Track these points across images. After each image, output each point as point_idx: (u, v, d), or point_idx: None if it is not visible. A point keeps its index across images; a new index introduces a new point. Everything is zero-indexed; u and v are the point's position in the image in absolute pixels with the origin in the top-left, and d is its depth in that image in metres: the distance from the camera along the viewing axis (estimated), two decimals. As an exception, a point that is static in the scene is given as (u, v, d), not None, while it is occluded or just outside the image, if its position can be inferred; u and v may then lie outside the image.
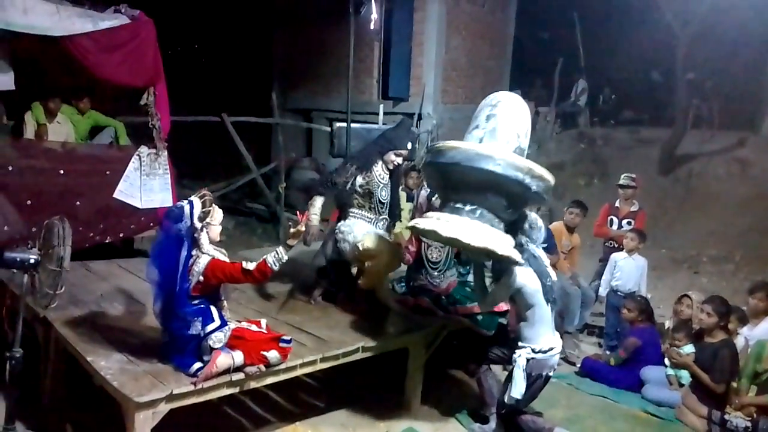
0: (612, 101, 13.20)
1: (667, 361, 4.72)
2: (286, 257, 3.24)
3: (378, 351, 3.93)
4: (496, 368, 4.29)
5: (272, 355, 3.29)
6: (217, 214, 3.26)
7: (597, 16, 12.43)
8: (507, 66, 11.49)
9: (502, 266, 3.57)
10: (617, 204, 6.15)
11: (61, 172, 5.29)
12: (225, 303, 3.39)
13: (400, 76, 9.23)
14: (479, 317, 4.31)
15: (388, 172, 4.31)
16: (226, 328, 3.22)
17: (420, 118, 9.46)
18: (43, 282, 3.23)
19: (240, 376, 3.24)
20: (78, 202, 5.35)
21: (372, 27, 7.92)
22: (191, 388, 3.06)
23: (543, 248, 5.20)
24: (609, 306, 5.60)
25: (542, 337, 3.58)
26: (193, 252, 3.17)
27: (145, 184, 5.73)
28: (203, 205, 3.19)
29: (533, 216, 3.67)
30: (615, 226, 6.07)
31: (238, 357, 3.21)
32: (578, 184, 11.16)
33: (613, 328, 5.48)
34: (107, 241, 5.61)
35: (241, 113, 9.20)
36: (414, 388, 4.17)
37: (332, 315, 4.33)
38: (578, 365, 5.17)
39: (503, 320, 4.84)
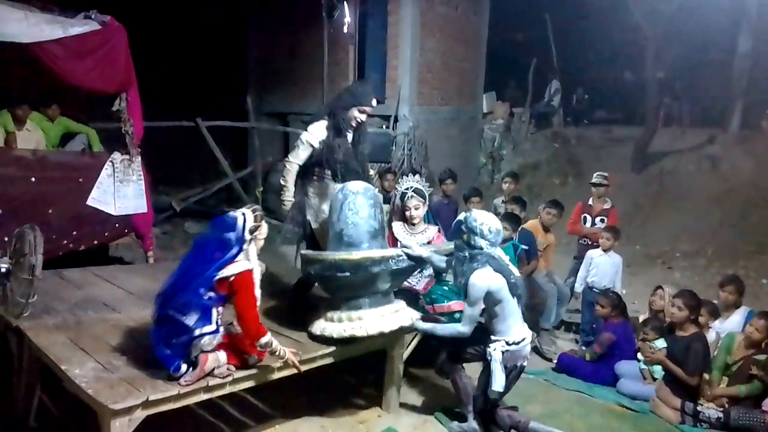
0: (585, 101, 13.40)
1: (640, 356, 4.81)
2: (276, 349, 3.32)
3: (356, 353, 3.94)
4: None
5: (252, 359, 3.35)
6: (264, 229, 3.40)
7: (569, 17, 12.62)
8: (481, 67, 11.59)
9: (463, 269, 3.67)
10: (590, 202, 6.25)
11: (33, 179, 5.23)
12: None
13: (375, 79, 9.25)
14: (457, 315, 4.35)
15: (350, 131, 4.19)
16: (219, 334, 3.24)
17: (396, 120, 9.50)
18: (15, 291, 3.19)
19: (217, 381, 3.23)
20: (50, 210, 5.29)
21: (345, 30, 7.95)
22: (168, 394, 3.04)
23: (525, 251, 5.34)
24: (584, 302, 5.69)
25: (513, 329, 3.70)
26: (239, 257, 3.25)
27: (119, 190, 5.69)
28: (254, 219, 3.31)
29: (491, 219, 3.73)
30: (588, 224, 6.17)
31: (222, 357, 3.26)
32: (553, 183, 11.32)
33: (589, 324, 5.56)
34: (81, 248, 5.56)
35: (216, 118, 9.16)
36: (393, 389, 4.19)
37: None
38: (554, 361, 5.24)
39: (480, 319, 4.90)
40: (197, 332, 3.12)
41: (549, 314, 5.65)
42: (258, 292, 3.31)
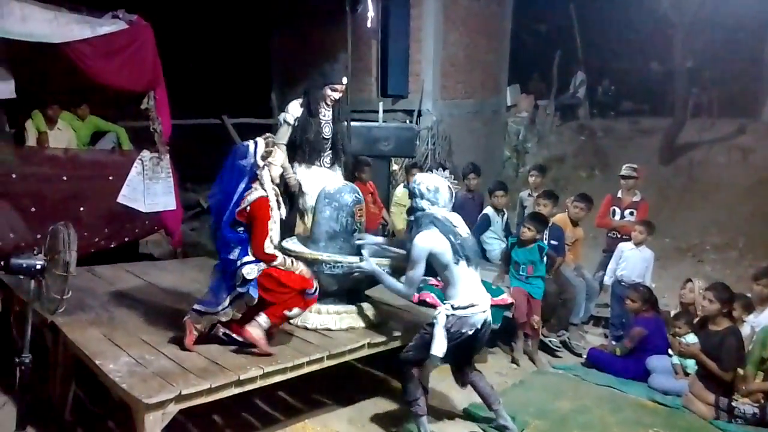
0: (611, 92, 13.19)
1: (671, 350, 4.73)
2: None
3: (384, 347, 3.95)
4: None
5: (293, 312, 3.57)
6: (278, 155, 3.60)
7: (594, 8, 12.40)
8: (505, 60, 11.46)
9: (411, 235, 3.70)
10: (619, 194, 6.16)
11: (64, 178, 5.32)
12: None
13: (398, 73, 9.21)
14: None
15: (329, 109, 4.47)
16: (261, 264, 3.44)
17: (420, 114, 9.46)
18: (50, 287, 3.24)
19: (248, 374, 3.26)
20: (82, 208, 5.38)
21: (369, 25, 7.92)
22: (200, 388, 3.08)
23: (553, 247, 5.27)
24: (614, 296, 5.60)
25: (462, 295, 3.57)
26: (253, 185, 3.49)
27: (148, 188, 5.76)
28: (266, 146, 3.54)
29: (431, 179, 3.75)
30: (617, 217, 6.08)
31: (264, 321, 3.48)
32: (579, 176, 11.18)
33: (619, 318, 5.48)
34: (112, 245, 5.64)
35: (242, 114, 9.21)
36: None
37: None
38: (584, 356, 5.18)
39: (508, 313, 4.88)
40: (239, 262, 3.40)
41: (578, 309, 5.58)
42: (276, 213, 3.51)
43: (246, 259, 3.42)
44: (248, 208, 3.44)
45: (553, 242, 5.41)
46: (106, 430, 3.68)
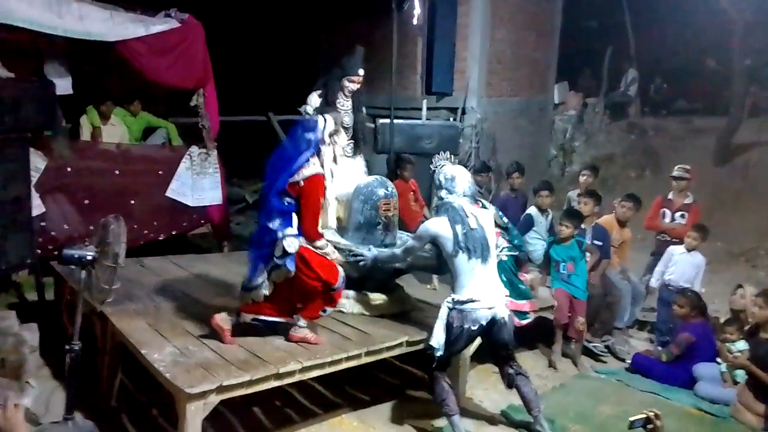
0: (663, 90, 12.77)
1: (719, 358, 4.58)
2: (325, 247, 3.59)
3: (422, 345, 3.95)
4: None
5: (327, 312, 3.71)
6: (343, 137, 3.69)
7: (647, 3, 12.04)
8: (554, 57, 11.24)
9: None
10: (670, 196, 5.98)
11: (117, 172, 5.51)
12: None
13: (443, 70, 9.11)
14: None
15: (348, 99, 4.59)
16: (301, 238, 3.47)
17: (464, 112, 9.38)
18: (100, 278, 3.36)
19: (288, 368, 3.31)
20: (132, 201, 5.56)
21: (415, 22, 7.88)
22: (241, 379, 3.14)
23: (598, 247, 5.17)
24: (661, 301, 5.46)
25: (465, 289, 3.58)
26: (312, 160, 3.46)
27: (196, 182, 5.91)
28: (335, 124, 3.58)
29: (450, 169, 3.81)
30: (667, 219, 5.91)
31: (302, 323, 3.62)
32: (629, 176, 10.89)
33: (665, 323, 5.33)
34: (161, 238, 5.81)
35: (287, 112, 9.31)
36: (458, 383, 4.17)
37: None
38: (628, 361, 5.06)
39: (549, 315, 4.82)
40: (280, 234, 3.39)
41: (623, 313, 5.45)
42: (329, 193, 3.57)
43: (289, 231, 3.41)
44: (302, 182, 3.43)
45: (597, 242, 5.30)
46: (150, 417, 3.79)
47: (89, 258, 3.30)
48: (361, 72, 4.57)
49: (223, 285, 4.69)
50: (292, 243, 3.40)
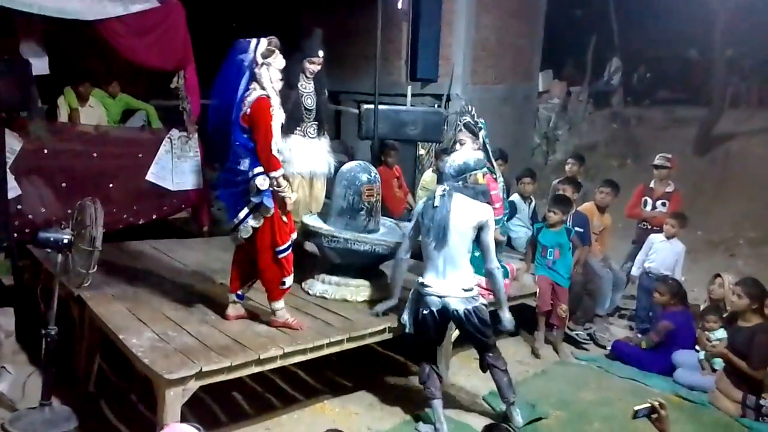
0: (647, 80, 12.87)
1: (698, 346, 4.63)
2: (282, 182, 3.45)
3: (404, 332, 3.93)
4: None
5: (286, 284, 3.59)
6: (279, 59, 3.45)
7: (632, -8, 12.08)
8: (538, 45, 11.21)
9: None
10: (652, 185, 6.01)
11: (95, 155, 5.40)
12: None
13: (428, 56, 9.06)
14: None
15: (310, 81, 4.57)
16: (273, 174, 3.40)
17: (449, 99, 9.35)
18: (77, 261, 3.30)
19: (269, 354, 3.28)
20: (111, 185, 5.46)
21: (400, 7, 7.81)
22: (221, 365, 3.11)
23: (578, 233, 5.17)
24: (641, 288, 5.49)
25: (424, 272, 3.66)
26: (251, 85, 3.37)
27: (177, 166, 5.81)
28: (268, 44, 3.41)
29: (456, 156, 3.82)
30: (649, 207, 5.94)
31: (277, 306, 3.60)
32: (611, 165, 10.96)
33: (645, 311, 5.37)
34: (140, 222, 5.71)
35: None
36: (441, 369, 4.16)
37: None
38: (608, 348, 5.10)
39: (531, 302, 4.81)
40: (250, 173, 3.32)
41: (604, 300, 5.49)
42: (278, 115, 3.41)
43: (257, 170, 3.34)
44: (248, 110, 3.34)
45: (578, 229, 5.32)
46: (129, 403, 3.74)
47: (65, 241, 3.25)
48: (321, 53, 4.59)
49: (203, 270, 4.63)
50: (264, 180, 3.34)
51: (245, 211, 3.42)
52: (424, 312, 3.60)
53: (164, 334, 3.38)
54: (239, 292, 3.71)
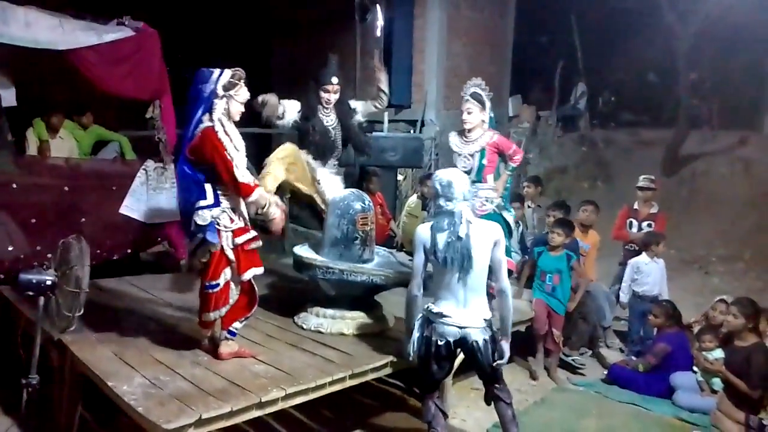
0: (611, 103, 13.17)
1: (696, 367, 4.61)
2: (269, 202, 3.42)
3: (407, 365, 3.79)
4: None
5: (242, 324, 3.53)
6: (242, 92, 3.33)
7: (595, 19, 12.39)
8: (507, 71, 11.40)
9: None
10: (636, 206, 6.06)
11: (66, 188, 5.12)
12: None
13: (401, 83, 9.13)
14: None
15: (330, 112, 4.51)
16: (217, 209, 3.25)
17: (423, 124, 9.36)
18: (61, 304, 3.08)
19: (270, 396, 3.09)
20: (83, 219, 5.18)
21: (378, 34, 7.81)
22: (220, 411, 2.90)
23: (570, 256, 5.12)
24: (634, 312, 5.48)
25: (440, 301, 3.37)
26: (204, 117, 3.25)
27: (152, 198, 5.57)
28: (232, 76, 3.28)
29: (444, 174, 3.47)
30: (634, 229, 5.97)
31: (225, 336, 3.46)
32: (582, 186, 11.11)
33: (638, 333, 5.36)
34: (114, 258, 5.45)
35: (243, 124, 9.06)
36: (442, 402, 4.02)
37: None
38: (605, 372, 5.05)
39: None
40: (195, 206, 3.21)
41: (602, 312, 5.47)
42: (231, 146, 3.25)
43: (201, 203, 3.22)
44: (195, 142, 3.22)
45: (569, 253, 5.28)
46: (116, 454, 3.49)
47: (49, 283, 3.02)
48: (335, 80, 4.44)
49: (186, 306, 4.39)
50: (203, 215, 3.21)
51: (192, 246, 3.30)
52: (440, 343, 3.34)
53: (156, 379, 3.16)
54: (231, 328, 3.51)
